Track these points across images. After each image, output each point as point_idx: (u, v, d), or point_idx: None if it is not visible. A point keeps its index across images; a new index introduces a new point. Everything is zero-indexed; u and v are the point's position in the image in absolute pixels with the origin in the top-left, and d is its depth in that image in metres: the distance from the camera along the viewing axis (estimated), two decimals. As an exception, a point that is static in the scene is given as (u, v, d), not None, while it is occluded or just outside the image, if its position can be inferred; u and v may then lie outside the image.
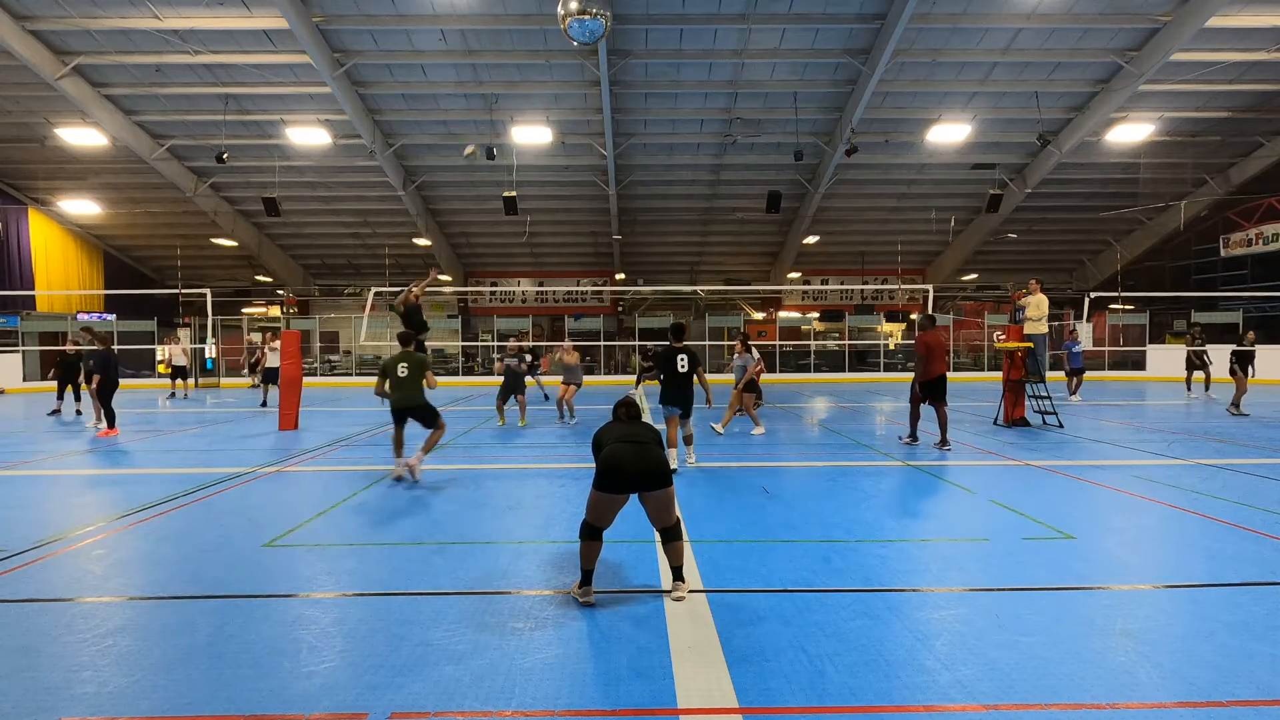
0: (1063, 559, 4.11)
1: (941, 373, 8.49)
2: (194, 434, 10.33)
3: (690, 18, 15.15)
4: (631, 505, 3.67)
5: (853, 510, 5.36)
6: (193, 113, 18.50)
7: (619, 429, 3.67)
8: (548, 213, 24.32)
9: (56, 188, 22.19)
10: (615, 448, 3.50)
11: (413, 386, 6.76)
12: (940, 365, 8.51)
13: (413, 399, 6.75)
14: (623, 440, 3.55)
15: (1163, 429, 10.04)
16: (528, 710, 2.50)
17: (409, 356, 6.84)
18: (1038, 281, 11.00)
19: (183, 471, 7.17)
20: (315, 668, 2.82)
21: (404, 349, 7.05)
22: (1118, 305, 25.84)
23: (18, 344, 21.48)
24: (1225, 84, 17.47)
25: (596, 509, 3.47)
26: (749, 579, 3.82)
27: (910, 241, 26.87)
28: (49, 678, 2.77)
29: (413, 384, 6.75)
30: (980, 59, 16.60)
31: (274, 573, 4.01)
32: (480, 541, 4.60)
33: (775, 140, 19.88)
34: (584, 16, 9.39)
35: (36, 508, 5.76)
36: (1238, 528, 4.73)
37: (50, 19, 14.88)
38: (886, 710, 2.49)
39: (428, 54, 16.33)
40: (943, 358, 8.62)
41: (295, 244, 27.21)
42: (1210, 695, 2.56)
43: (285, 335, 10.77)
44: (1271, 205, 21.09)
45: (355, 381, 23.46)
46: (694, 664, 2.83)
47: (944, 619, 3.26)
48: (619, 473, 3.42)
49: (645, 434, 3.61)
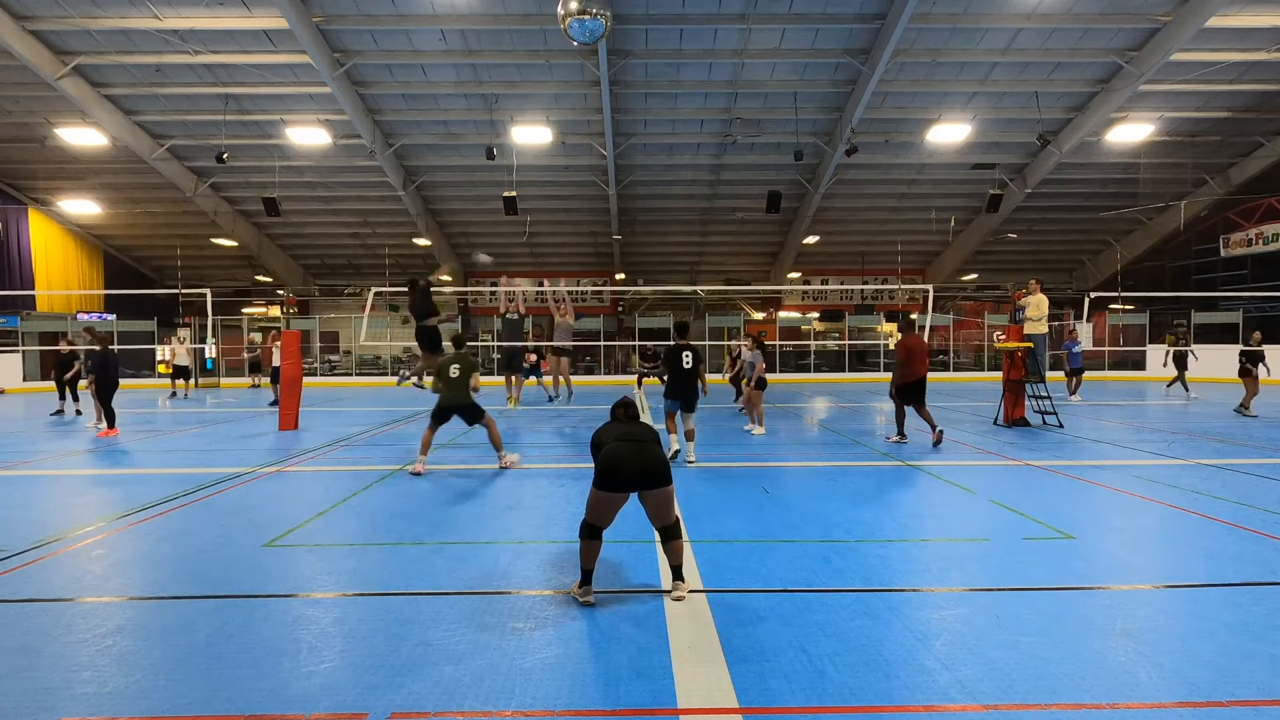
0: (1063, 559, 4.11)
1: (921, 376, 8.48)
2: (194, 434, 10.33)
3: (690, 18, 15.15)
4: (632, 505, 3.67)
5: (853, 510, 5.36)
6: (193, 113, 18.50)
7: (618, 428, 3.68)
8: (548, 213, 24.33)
9: (56, 188, 22.19)
10: (615, 446, 3.51)
11: (462, 387, 7.22)
12: (920, 368, 8.50)
13: (461, 398, 7.21)
14: (622, 439, 3.56)
15: (1163, 429, 10.04)
16: (528, 710, 2.50)
17: (462, 359, 7.28)
18: (1038, 281, 11.01)
19: (183, 471, 7.17)
20: (315, 668, 2.82)
21: (457, 351, 7.46)
22: (1118, 305, 25.84)
23: (18, 344, 21.48)
24: (1225, 84, 17.47)
25: (596, 508, 3.48)
26: (749, 579, 3.82)
27: (910, 241, 26.87)
28: (49, 678, 2.77)
29: (462, 385, 7.24)
30: (980, 59, 16.60)
31: (274, 573, 4.01)
32: (480, 541, 4.60)
33: (775, 140, 19.88)
34: (584, 16, 9.39)
35: (36, 508, 5.76)
36: (1238, 528, 4.73)
37: (50, 19, 14.88)
38: (886, 710, 2.49)
39: (428, 54, 16.33)
40: (923, 361, 8.57)
41: (295, 244, 27.21)
42: (1210, 695, 2.56)
43: (285, 335, 10.78)
44: (1271, 205, 21.09)
45: (355, 381, 23.46)
46: (694, 664, 2.83)
47: (944, 619, 3.26)
48: (619, 472, 3.42)
49: (644, 433, 3.63)
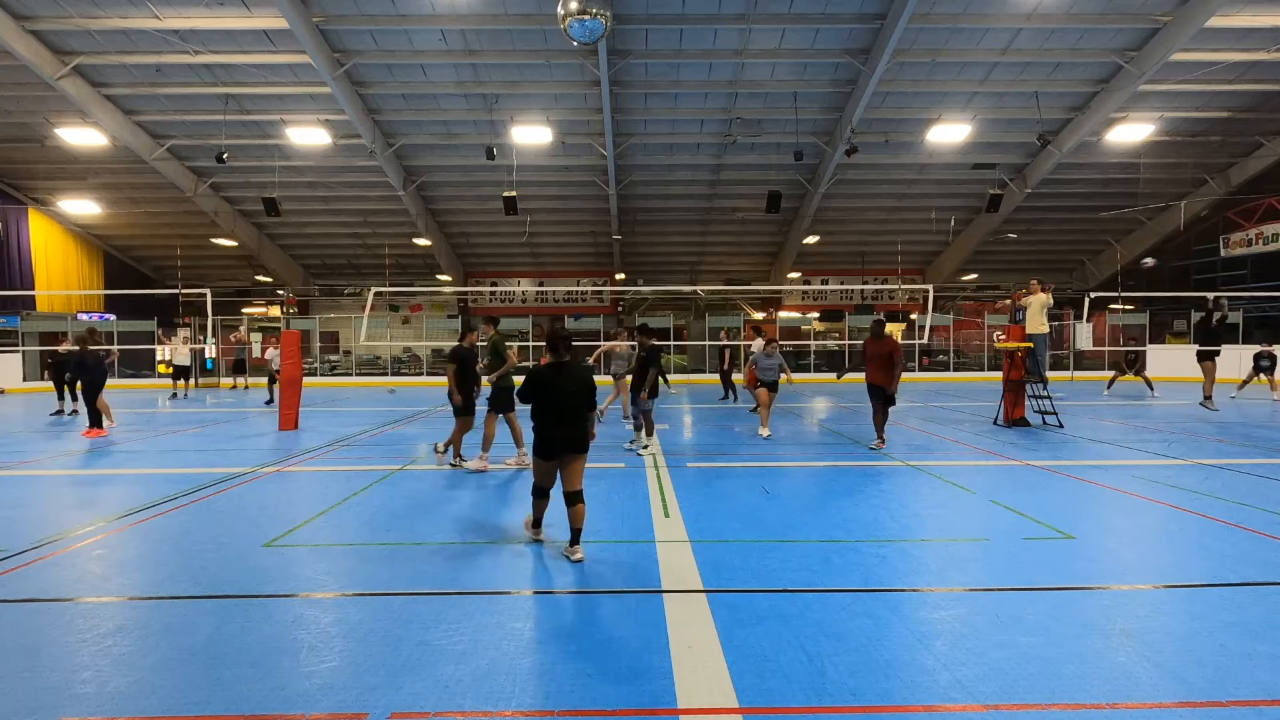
0: (1063, 559, 4.11)
1: (875, 383, 8.20)
2: (194, 434, 10.33)
3: (690, 18, 15.14)
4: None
5: (853, 510, 5.35)
6: (193, 113, 18.50)
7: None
8: (548, 213, 24.33)
9: (56, 188, 22.19)
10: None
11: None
12: (872, 374, 8.22)
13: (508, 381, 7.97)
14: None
15: (1163, 429, 10.04)
16: (528, 710, 2.50)
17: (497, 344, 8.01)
18: (1037, 282, 10.99)
19: (183, 471, 7.17)
20: (315, 668, 2.82)
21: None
22: (1118, 305, 25.85)
23: (18, 344, 21.48)
24: (1225, 84, 17.47)
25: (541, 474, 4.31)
26: (749, 579, 3.82)
27: (910, 241, 26.87)
28: (49, 678, 2.77)
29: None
30: (980, 59, 16.60)
31: (274, 573, 4.01)
32: (480, 541, 4.60)
33: (775, 140, 19.88)
34: (584, 16, 9.40)
35: (36, 508, 5.76)
36: (1238, 528, 4.73)
37: (50, 19, 14.88)
38: (886, 710, 2.49)
39: (428, 54, 16.33)
40: (883, 368, 8.07)
41: (295, 244, 27.21)
42: (1210, 695, 2.56)
43: (285, 335, 10.77)
44: (1271, 205, 21.09)
45: (355, 382, 23.46)
46: (694, 664, 2.83)
47: (944, 619, 3.26)
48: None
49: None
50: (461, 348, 7.05)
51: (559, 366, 4.24)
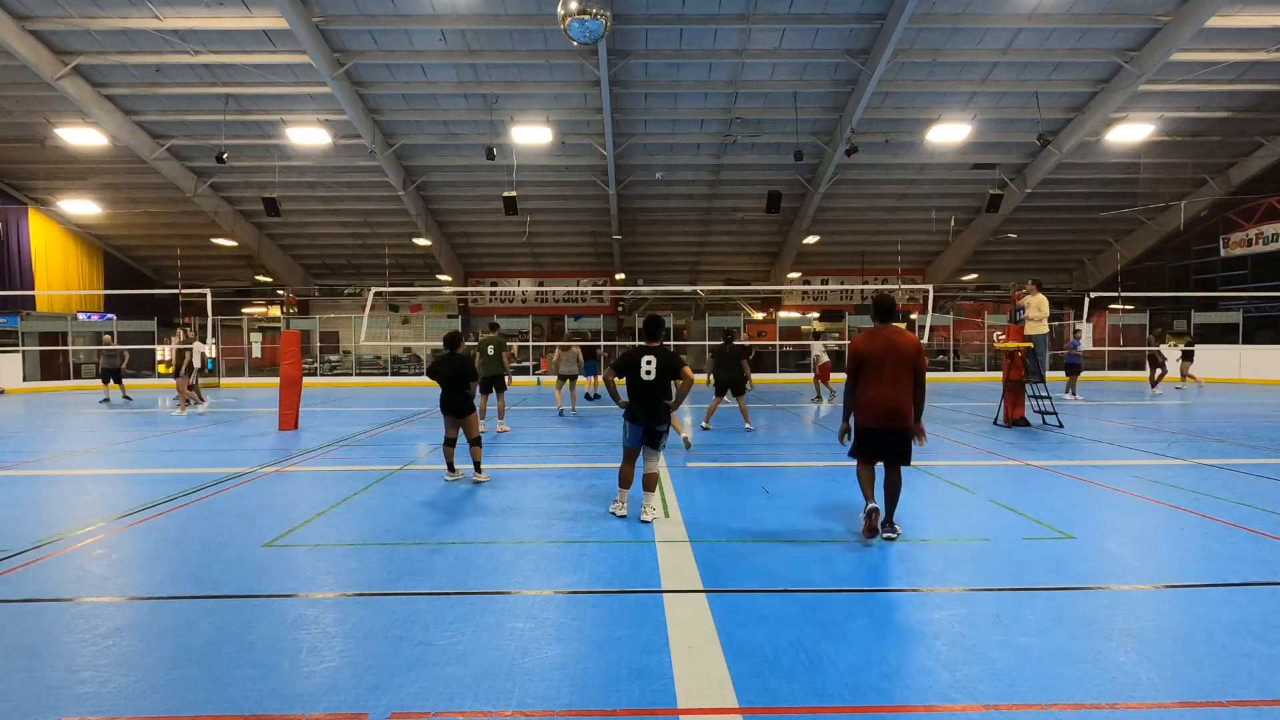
0: (1063, 559, 4.11)
1: (883, 424, 4.89)
2: (194, 434, 10.34)
3: (690, 18, 15.14)
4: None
5: (853, 510, 5.35)
6: (193, 113, 18.49)
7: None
8: (548, 213, 24.32)
9: (56, 188, 22.18)
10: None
11: (496, 363, 10.13)
12: (881, 397, 4.92)
13: (495, 369, 10.01)
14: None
15: (1163, 429, 10.04)
16: (528, 710, 2.50)
17: (496, 341, 10.24)
18: (1035, 282, 10.97)
19: (182, 471, 7.17)
20: (315, 668, 2.82)
21: (492, 334, 10.52)
22: (1118, 305, 25.84)
23: (18, 344, 21.48)
24: (1225, 84, 17.46)
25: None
26: (749, 579, 3.82)
27: (910, 241, 26.86)
28: (49, 678, 2.77)
29: (497, 361, 10.12)
30: (980, 59, 16.59)
31: (274, 573, 4.01)
32: (480, 541, 4.60)
33: (775, 140, 19.87)
34: (584, 16, 9.41)
35: (36, 508, 5.76)
36: (1238, 528, 4.73)
37: (50, 19, 14.87)
38: (886, 710, 2.49)
39: (428, 54, 16.32)
40: (896, 383, 4.75)
41: (295, 244, 27.21)
42: (1210, 695, 2.56)
43: (285, 335, 10.77)
44: (1271, 205, 21.09)
45: (355, 381, 23.46)
46: (694, 664, 2.83)
47: (944, 619, 3.26)
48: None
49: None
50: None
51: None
